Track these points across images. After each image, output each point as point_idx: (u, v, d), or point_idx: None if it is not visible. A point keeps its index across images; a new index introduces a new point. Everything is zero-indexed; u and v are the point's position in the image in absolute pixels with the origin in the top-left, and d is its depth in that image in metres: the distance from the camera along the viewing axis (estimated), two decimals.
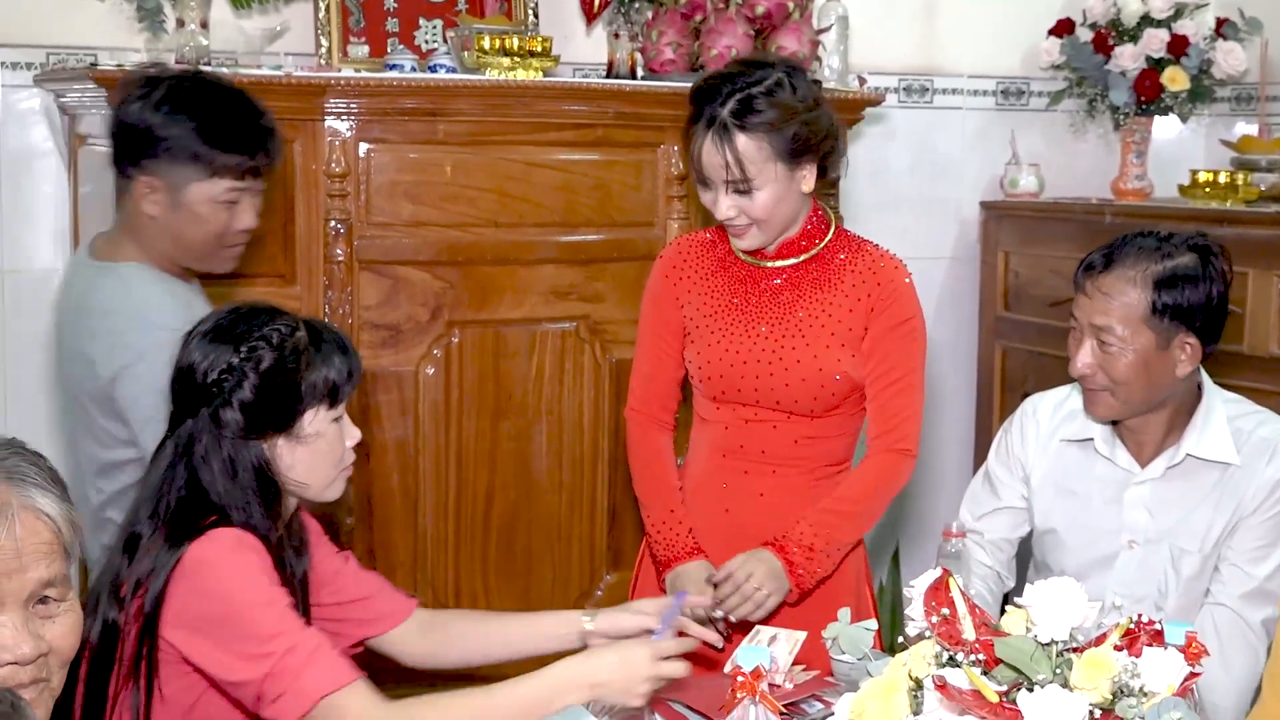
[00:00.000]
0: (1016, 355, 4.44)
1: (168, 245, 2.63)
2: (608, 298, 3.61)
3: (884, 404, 2.70)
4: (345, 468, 2.25)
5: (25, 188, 3.70)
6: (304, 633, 2.04)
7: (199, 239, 2.62)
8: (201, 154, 2.55)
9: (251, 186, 2.63)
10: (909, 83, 4.54)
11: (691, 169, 2.66)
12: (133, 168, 2.59)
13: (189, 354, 2.16)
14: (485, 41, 3.49)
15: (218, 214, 2.60)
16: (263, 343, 2.13)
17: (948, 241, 4.64)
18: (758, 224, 2.63)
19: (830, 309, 2.68)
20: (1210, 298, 2.47)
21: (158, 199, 2.59)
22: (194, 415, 2.14)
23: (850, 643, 2.29)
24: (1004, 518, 2.74)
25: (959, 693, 1.74)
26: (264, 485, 2.15)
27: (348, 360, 2.22)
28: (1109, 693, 1.73)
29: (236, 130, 2.58)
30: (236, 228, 2.64)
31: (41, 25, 3.64)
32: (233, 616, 2.02)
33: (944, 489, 4.42)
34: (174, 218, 2.60)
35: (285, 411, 2.15)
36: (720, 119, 2.56)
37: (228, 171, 2.57)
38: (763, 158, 2.57)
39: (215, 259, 2.68)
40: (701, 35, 3.77)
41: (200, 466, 2.13)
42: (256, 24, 3.67)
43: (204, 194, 2.58)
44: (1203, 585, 2.56)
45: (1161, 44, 4.27)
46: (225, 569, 2.04)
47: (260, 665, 1.99)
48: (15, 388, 3.72)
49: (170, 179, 2.57)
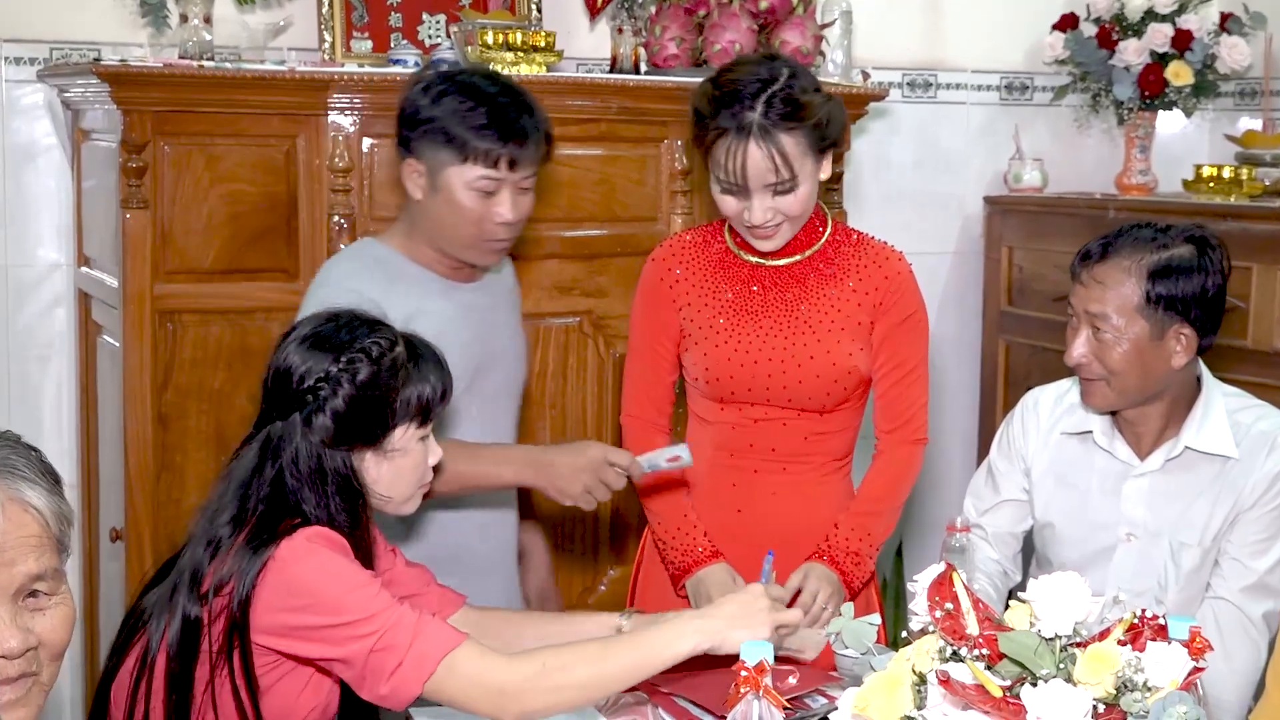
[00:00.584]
0: (1020, 350, 4.44)
1: (431, 231, 2.64)
2: (611, 293, 3.60)
3: (896, 397, 2.72)
4: (425, 484, 2.26)
5: (28, 182, 3.70)
6: (401, 608, 2.04)
7: (456, 226, 2.61)
8: (456, 137, 2.55)
9: (508, 178, 2.58)
10: (913, 77, 4.53)
11: (718, 178, 2.60)
12: (403, 149, 2.63)
13: (286, 356, 2.16)
14: (489, 36, 3.49)
15: (474, 202, 2.58)
16: (362, 355, 2.14)
17: (951, 236, 4.63)
18: (789, 222, 2.62)
19: (838, 303, 2.68)
20: (1205, 289, 2.47)
21: (420, 182, 2.61)
22: (284, 418, 2.14)
23: (854, 637, 2.29)
24: (1007, 511, 2.74)
25: (963, 687, 1.73)
26: (348, 495, 2.15)
27: (442, 378, 2.23)
28: (1113, 687, 1.73)
29: (495, 118, 2.56)
30: (494, 219, 2.60)
31: (45, 20, 3.64)
32: (327, 605, 2.02)
33: (948, 484, 4.42)
34: (433, 202, 2.60)
35: (376, 425, 2.16)
36: (756, 122, 2.52)
37: (481, 157, 2.56)
38: (800, 153, 2.55)
39: (476, 250, 2.65)
40: (705, 30, 3.77)
41: (287, 470, 2.13)
42: (260, 19, 3.66)
43: (459, 179, 2.57)
44: (1203, 579, 2.56)
45: (1166, 39, 4.27)
46: (312, 564, 2.05)
47: (364, 643, 2.00)
48: (19, 381, 3.73)
49: (430, 162, 2.59)
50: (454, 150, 2.56)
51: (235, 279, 3.26)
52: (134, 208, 3.19)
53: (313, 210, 3.33)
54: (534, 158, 2.62)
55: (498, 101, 2.58)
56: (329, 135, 3.31)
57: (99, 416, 3.60)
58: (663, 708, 2.36)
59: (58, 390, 3.76)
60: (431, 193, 2.60)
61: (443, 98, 2.57)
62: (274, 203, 3.31)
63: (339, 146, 3.30)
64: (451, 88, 2.59)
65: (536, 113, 2.63)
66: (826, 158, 2.63)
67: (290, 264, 3.32)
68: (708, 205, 3.75)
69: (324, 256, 3.31)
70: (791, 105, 2.53)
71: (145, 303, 3.21)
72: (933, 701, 1.77)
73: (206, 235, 3.26)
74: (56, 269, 3.74)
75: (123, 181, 3.19)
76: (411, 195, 2.63)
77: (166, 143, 3.21)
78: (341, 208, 3.31)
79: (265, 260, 3.27)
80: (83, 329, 3.68)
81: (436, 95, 2.58)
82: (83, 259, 3.65)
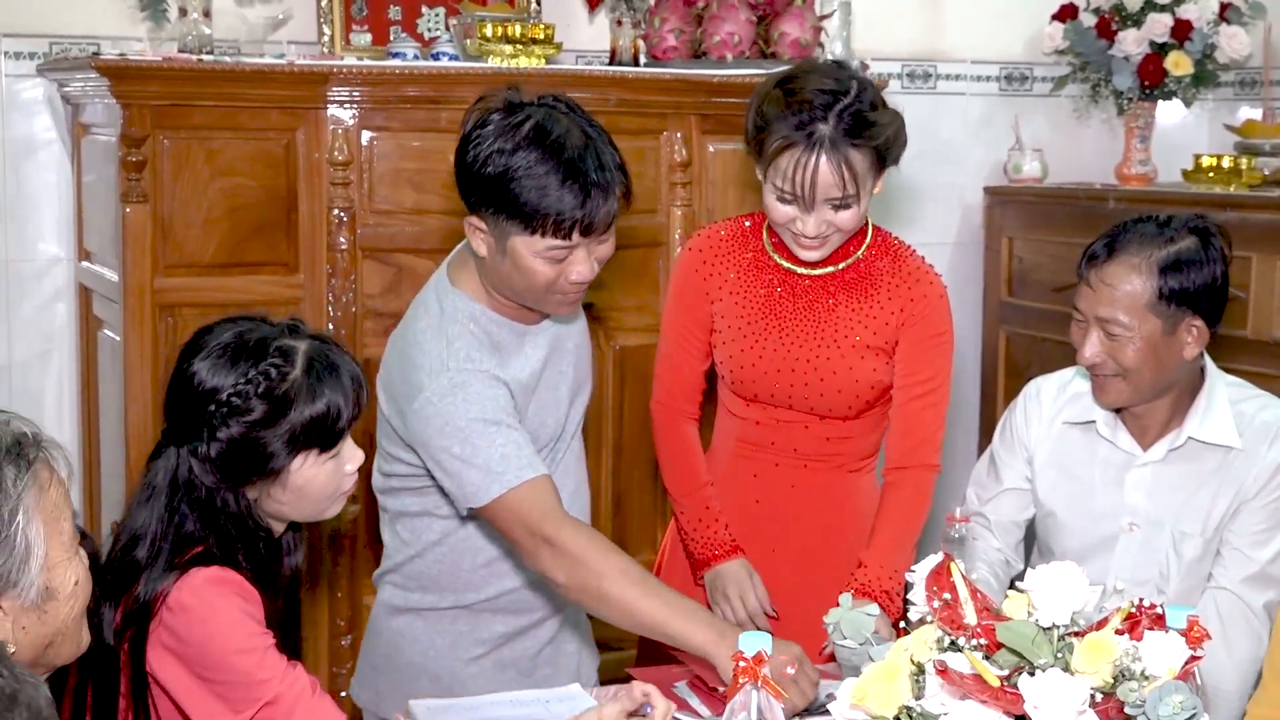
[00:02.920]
0: (1020, 340, 4.44)
1: (500, 286, 2.41)
2: (611, 285, 3.60)
3: (910, 415, 2.68)
4: (344, 492, 2.19)
5: (28, 177, 3.70)
6: (289, 676, 2.00)
7: (525, 289, 2.38)
8: (522, 207, 2.28)
9: (581, 243, 2.33)
10: (912, 68, 4.53)
11: (777, 185, 2.53)
12: (464, 199, 2.38)
13: (196, 367, 2.08)
14: (488, 29, 3.49)
15: (545, 268, 2.33)
16: (250, 387, 2.04)
17: (951, 227, 4.64)
18: (839, 234, 2.59)
19: (865, 319, 2.66)
20: (1214, 279, 2.47)
21: (485, 239, 2.37)
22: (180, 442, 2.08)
23: (852, 627, 2.29)
24: (1009, 500, 2.74)
25: (960, 677, 1.74)
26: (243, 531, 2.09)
27: (341, 397, 2.11)
28: (1110, 676, 1.74)
29: (564, 186, 2.28)
30: (569, 280, 2.36)
31: (44, 15, 3.64)
32: (216, 663, 1.98)
33: (949, 474, 4.37)
34: (500, 263, 2.36)
35: (265, 462, 2.08)
36: (829, 136, 2.48)
37: (552, 230, 2.29)
38: (865, 169, 2.52)
39: (547, 304, 2.42)
40: (704, 22, 3.77)
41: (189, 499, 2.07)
42: (259, 12, 3.67)
43: (527, 248, 2.32)
44: (1205, 569, 2.56)
45: (1165, 29, 4.27)
46: (205, 613, 2.00)
47: (244, 712, 1.97)
48: (20, 376, 3.73)
49: (494, 228, 2.33)
50: (520, 222, 2.30)
51: (235, 273, 3.27)
52: (134, 202, 3.20)
53: (312, 203, 3.34)
54: (610, 217, 2.35)
55: (566, 165, 2.29)
56: (328, 128, 3.31)
57: (100, 410, 3.61)
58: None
59: (59, 384, 3.76)
60: (498, 255, 2.36)
61: (508, 154, 2.29)
62: (274, 196, 3.31)
63: (338, 140, 3.31)
64: (513, 144, 2.30)
65: (606, 161, 2.33)
66: (884, 174, 2.61)
67: (290, 257, 3.33)
68: (706, 198, 3.76)
69: (323, 249, 3.32)
70: (862, 122, 2.50)
71: (146, 296, 3.22)
72: (931, 691, 1.78)
73: (206, 229, 3.26)
74: (57, 263, 3.74)
75: (122, 175, 3.19)
76: (476, 251, 2.40)
77: (166, 136, 3.22)
78: (341, 201, 3.32)
79: (265, 254, 3.28)
80: (83, 323, 3.69)
81: (498, 154, 2.30)
82: (83, 253, 3.66)
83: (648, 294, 3.68)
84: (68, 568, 1.73)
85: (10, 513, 1.65)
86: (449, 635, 2.53)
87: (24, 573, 1.66)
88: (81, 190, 3.64)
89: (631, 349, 3.61)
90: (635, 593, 2.25)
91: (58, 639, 1.74)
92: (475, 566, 2.51)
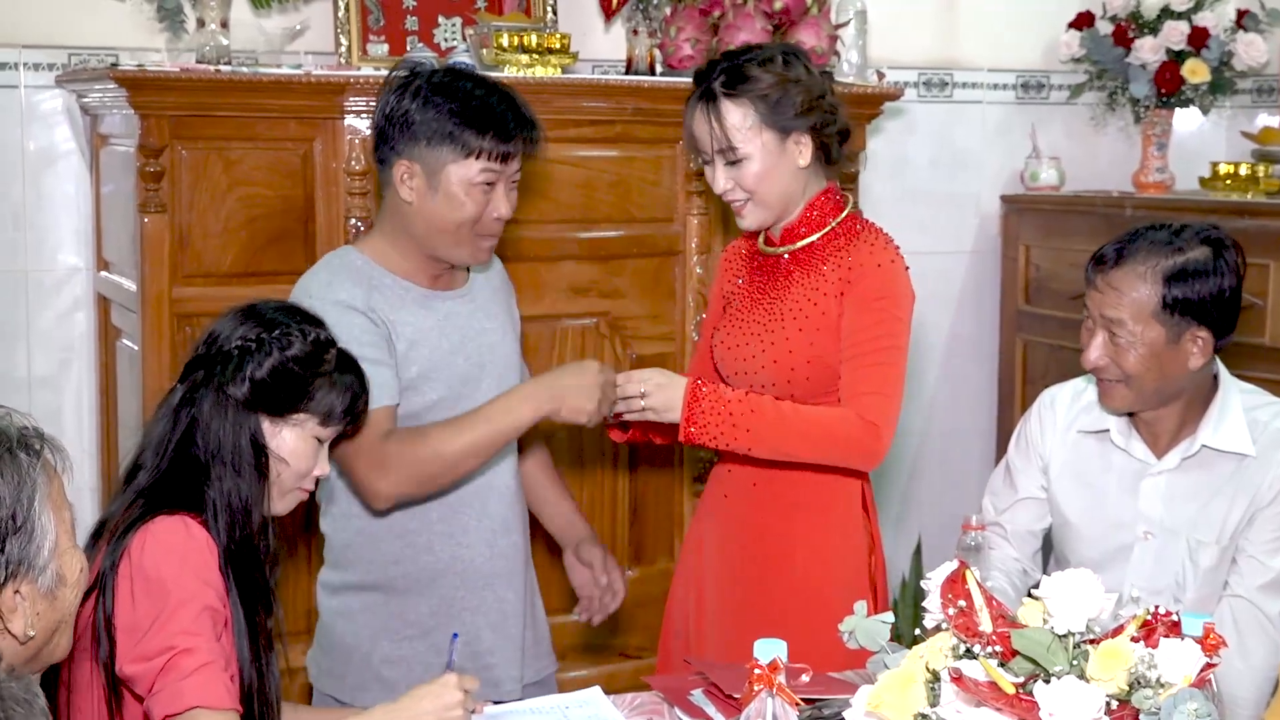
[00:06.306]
0: (1038, 349, 4.43)
1: (422, 233, 2.63)
2: (627, 293, 3.61)
3: (848, 372, 2.60)
4: (303, 488, 2.26)
5: (48, 187, 3.72)
6: (206, 641, 2.00)
7: (454, 223, 2.61)
8: (457, 134, 2.56)
9: (505, 171, 2.62)
10: (928, 77, 4.53)
11: (688, 149, 2.73)
12: (392, 154, 2.61)
13: (218, 325, 2.21)
14: (504, 39, 3.50)
15: (474, 197, 2.60)
16: (298, 333, 2.18)
17: (968, 235, 4.63)
18: (752, 198, 2.64)
19: (811, 294, 2.65)
20: (1222, 291, 2.46)
21: (415, 184, 2.60)
22: (208, 375, 2.16)
23: (867, 635, 2.29)
24: (1025, 509, 2.74)
25: (975, 684, 1.74)
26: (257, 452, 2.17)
27: (356, 400, 2.25)
28: (1125, 684, 1.74)
29: (491, 113, 2.59)
30: (492, 215, 2.63)
31: (62, 26, 3.66)
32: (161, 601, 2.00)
33: (966, 482, 4.42)
34: (430, 202, 2.60)
35: (291, 399, 2.18)
36: (707, 89, 2.62)
37: (483, 153, 2.58)
38: (748, 125, 2.59)
39: (470, 247, 2.66)
40: (720, 31, 3.78)
41: (199, 427, 2.15)
42: (276, 23, 3.69)
43: (460, 176, 2.58)
44: (1221, 577, 2.55)
45: (1182, 36, 4.26)
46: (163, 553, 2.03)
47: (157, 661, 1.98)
48: (40, 385, 3.75)
49: (428, 162, 2.58)
50: (455, 148, 2.57)
51: (252, 282, 3.27)
52: (152, 212, 3.21)
53: (329, 213, 3.35)
54: (532, 151, 2.68)
55: (489, 98, 2.61)
56: (345, 138, 3.32)
57: (119, 419, 3.62)
58: (680, 707, 2.37)
59: (78, 394, 3.78)
60: (429, 193, 2.59)
61: (433, 98, 2.58)
62: (291, 206, 3.33)
63: (355, 150, 3.32)
64: (437, 88, 2.60)
65: (524, 104, 2.66)
66: (796, 139, 2.62)
67: (307, 267, 3.33)
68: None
69: None
70: (738, 76, 2.60)
71: (164, 306, 3.23)
72: (946, 699, 1.78)
73: (224, 238, 3.28)
74: (76, 273, 3.76)
75: (141, 186, 3.21)
76: (403, 199, 2.61)
77: (184, 147, 3.23)
78: (358, 210, 3.33)
79: (282, 263, 3.28)
80: (102, 332, 3.70)
81: (427, 96, 2.58)
82: (102, 263, 3.67)
83: (664, 302, 3.69)
84: (73, 555, 1.79)
85: (28, 499, 1.70)
86: (381, 615, 2.65)
87: (41, 558, 1.72)
88: (100, 200, 3.66)
89: (648, 358, 3.60)
90: (453, 427, 2.54)
91: (61, 627, 1.79)
92: (391, 537, 2.65)
